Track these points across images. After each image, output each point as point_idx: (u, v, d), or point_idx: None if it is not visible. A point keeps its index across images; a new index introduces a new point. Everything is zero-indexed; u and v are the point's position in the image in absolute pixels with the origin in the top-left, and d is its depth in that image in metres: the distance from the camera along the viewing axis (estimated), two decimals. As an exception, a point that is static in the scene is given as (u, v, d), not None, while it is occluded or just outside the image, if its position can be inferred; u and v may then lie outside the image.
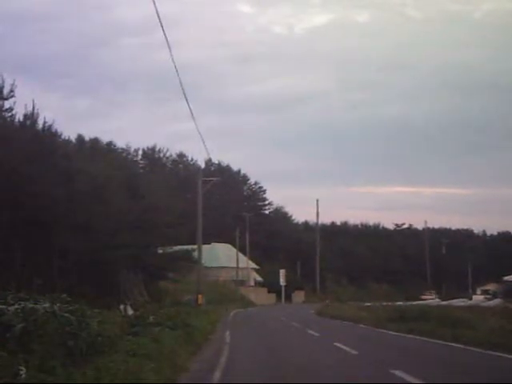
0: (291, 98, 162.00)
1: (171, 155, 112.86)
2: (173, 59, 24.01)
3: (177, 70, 25.78)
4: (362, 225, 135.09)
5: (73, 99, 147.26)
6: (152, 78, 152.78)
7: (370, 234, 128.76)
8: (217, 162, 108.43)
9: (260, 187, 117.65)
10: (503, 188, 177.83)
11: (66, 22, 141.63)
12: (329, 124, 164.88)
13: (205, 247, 55.34)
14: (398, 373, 14.70)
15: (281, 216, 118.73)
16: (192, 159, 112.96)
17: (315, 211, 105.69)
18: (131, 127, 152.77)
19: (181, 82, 27.78)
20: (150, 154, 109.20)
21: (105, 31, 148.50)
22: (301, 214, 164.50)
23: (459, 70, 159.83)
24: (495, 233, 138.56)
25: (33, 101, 34.38)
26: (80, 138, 63.96)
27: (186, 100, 30.97)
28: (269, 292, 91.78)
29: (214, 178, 59.30)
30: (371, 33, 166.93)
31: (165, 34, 20.98)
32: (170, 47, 22.43)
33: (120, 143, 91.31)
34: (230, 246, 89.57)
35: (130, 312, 29.19)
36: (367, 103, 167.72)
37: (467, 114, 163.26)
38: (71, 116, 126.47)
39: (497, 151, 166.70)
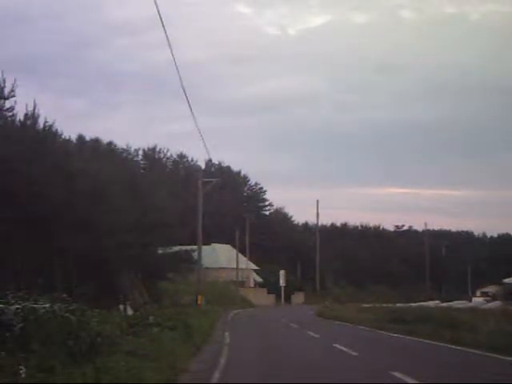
0: (290, 98, 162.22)
1: (172, 156, 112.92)
2: (174, 60, 23.97)
3: (178, 71, 25.77)
4: (361, 226, 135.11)
5: (71, 99, 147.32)
6: (150, 78, 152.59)
7: (369, 236, 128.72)
8: (217, 162, 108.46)
9: (260, 188, 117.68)
10: (503, 190, 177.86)
11: (63, 22, 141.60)
12: (328, 125, 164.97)
13: (205, 248, 55.34)
14: (397, 374, 14.73)
15: (281, 217, 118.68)
16: (192, 160, 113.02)
17: (315, 212, 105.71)
18: (130, 128, 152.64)
19: (182, 83, 27.74)
20: (151, 155, 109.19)
21: (102, 31, 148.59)
22: (301, 215, 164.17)
23: (456, 72, 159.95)
24: (495, 235, 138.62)
25: (34, 100, 34.36)
26: (81, 138, 64.03)
27: (187, 100, 30.93)
28: (268, 293, 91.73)
29: (215, 179, 59.25)
30: (368, 34, 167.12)
31: (166, 35, 20.95)
32: (171, 48, 22.39)
33: (119, 143, 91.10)
34: (229, 246, 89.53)
35: (130, 312, 29.25)
36: (367, 104, 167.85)
37: (466, 115, 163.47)
38: (69, 116, 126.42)
39: (497, 153, 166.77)
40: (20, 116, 33.26)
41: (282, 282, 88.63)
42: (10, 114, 32.35)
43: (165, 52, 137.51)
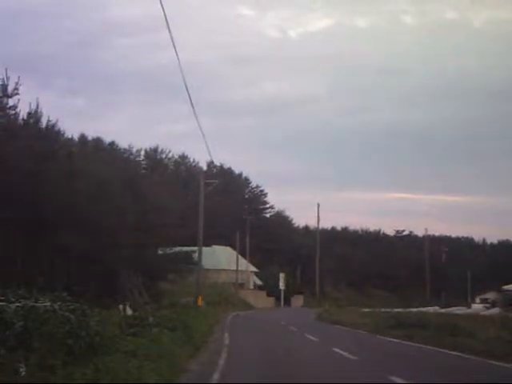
0: (291, 100, 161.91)
1: (173, 156, 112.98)
2: (179, 60, 24.00)
3: (182, 72, 25.79)
4: (362, 230, 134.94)
5: (72, 99, 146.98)
6: (151, 78, 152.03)
7: (370, 240, 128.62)
8: (219, 164, 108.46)
9: (261, 190, 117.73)
10: (504, 196, 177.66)
11: (63, 21, 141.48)
12: (329, 128, 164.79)
13: (205, 249, 55.34)
14: (396, 379, 14.72)
15: (281, 220, 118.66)
16: (194, 161, 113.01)
17: (316, 216, 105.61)
18: (132, 128, 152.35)
19: (186, 84, 27.78)
20: (153, 155, 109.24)
21: (103, 31, 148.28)
22: (301, 218, 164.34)
23: (457, 77, 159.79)
24: (495, 241, 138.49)
25: (37, 99, 34.45)
26: (83, 138, 64.15)
27: (191, 101, 30.89)
28: (268, 295, 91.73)
29: (216, 181, 59.26)
30: (370, 38, 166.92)
31: (171, 36, 21.00)
32: (176, 50, 22.44)
33: (121, 143, 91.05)
34: (230, 248, 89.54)
35: (129, 312, 29.22)
36: (367, 108, 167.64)
37: (467, 121, 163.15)
38: (71, 116, 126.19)
39: (498, 159, 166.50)
40: (23, 114, 33.38)
41: (281, 285, 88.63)
42: (13, 112, 32.43)
43: (166, 52, 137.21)
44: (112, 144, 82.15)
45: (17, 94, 31.06)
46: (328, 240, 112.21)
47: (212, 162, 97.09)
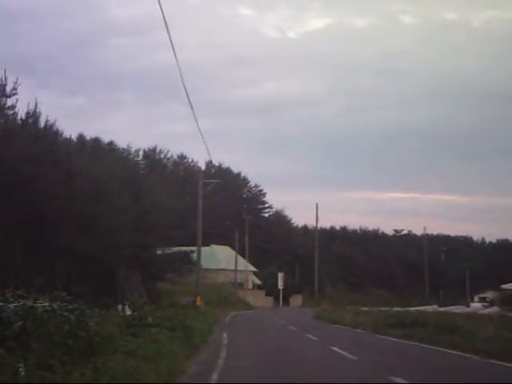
0: (289, 101, 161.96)
1: (172, 156, 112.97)
2: (177, 62, 24.04)
3: (181, 73, 25.83)
4: (361, 230, 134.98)
5: (71, 98, 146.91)
6: (150, 78, 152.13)
7: (368, 240, 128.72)
8: (217, 164, 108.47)
9: (260, 190, 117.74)
10: (503, 196, 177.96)
11: (63, 21, 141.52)
12: (328, 128, 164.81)
13: (204, 249, 55.37)
14: (396, 379, 14.71)
15: (280, 219, 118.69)
16: (193, 161, 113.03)
17: (314, 215, 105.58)
18: (131, 128, 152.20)
19: (184, 85, 27.81)
20: (151, 155, 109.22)
21: (103, 31, 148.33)
22: (300, 218, 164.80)
23: (456, 78, 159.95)
24: (494, 240, 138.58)
25: (35, 99, 34.41)
26: (81, 138, 64.02)
27: (190, 102, 30.99)
28: (267, 295, 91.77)
29: (215, 180, 59.29)
30: (369, 38, 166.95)
31: (169, 36, 21.01)
32: (175, 52, 22.47)
33: (120, 143, 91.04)
34: (228, 248, 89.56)
35: (129, 312, 29.25)
36: (366, 108, 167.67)
37: (466, 121, 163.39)
38: (70, 115, 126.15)
39: (496, 159, 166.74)
40: (21, 114, 33.34)
41: (280, 285, 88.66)
42: (12, 112, 32.41)
43: (166, 52, 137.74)
44: (111, 144, 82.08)
45: (15, 93, 31.04)
46: (327, 240, 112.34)
47: (211, 162, 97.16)
